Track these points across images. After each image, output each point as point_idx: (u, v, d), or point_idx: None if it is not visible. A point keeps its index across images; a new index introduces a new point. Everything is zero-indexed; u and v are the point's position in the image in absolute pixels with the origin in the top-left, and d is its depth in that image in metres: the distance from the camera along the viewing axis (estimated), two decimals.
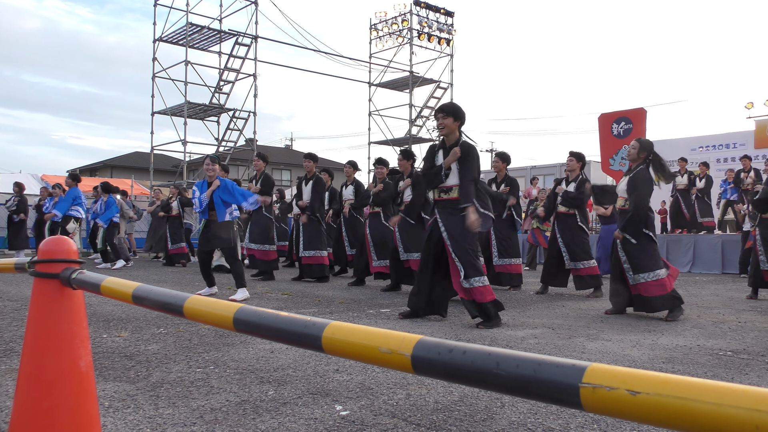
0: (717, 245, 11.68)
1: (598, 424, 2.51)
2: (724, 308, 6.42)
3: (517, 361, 0.85)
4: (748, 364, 3.70)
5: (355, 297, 7.07)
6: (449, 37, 24.62)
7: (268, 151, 37.47)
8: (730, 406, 0.69)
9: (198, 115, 21.24)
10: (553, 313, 5.92)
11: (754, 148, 15.83)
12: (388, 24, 24.27)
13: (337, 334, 1.05)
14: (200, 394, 2.90)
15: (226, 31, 20.38)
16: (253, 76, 20.55)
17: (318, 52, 22.32)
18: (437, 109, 5.31)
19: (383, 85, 25.31)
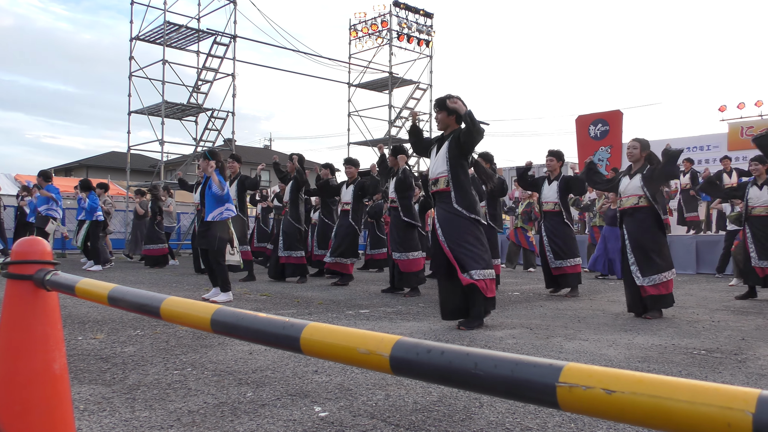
0: (692, 246, 11.85)
1: (575, 423, 2.54)
2: (699, 308, 6.52)
3: (495, 362, 0.86)
4: (721, 363, 3.76)
5: (334, 298, 7.06)
6: (428, 38, 24.68)
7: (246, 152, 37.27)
8: (703, 404, 0.71)
9: (176, 114, 21.03)
10: (532, 313, 5.97)
11: (727, 150, 16.08)
12: (368, 25, 24.26)
13: (315, 335, 1.05)
14: (177, 397, 2.87)
15: (204, 31, 20.21)
16: (232, 75, 20.40)
17: (297, 52, 22.24)
18: (435, 103, 5.15)
19: (363, 86, 25.29)
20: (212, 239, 6.48)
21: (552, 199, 7.59)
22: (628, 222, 5.81)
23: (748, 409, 0.68)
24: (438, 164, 5.03)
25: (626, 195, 5.85)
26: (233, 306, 5.62)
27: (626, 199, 5.85)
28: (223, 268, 6.58)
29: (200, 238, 6.66)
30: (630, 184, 5.82)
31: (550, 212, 7.60)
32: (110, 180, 21.30)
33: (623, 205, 5.89)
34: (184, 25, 19.73)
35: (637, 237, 5.71)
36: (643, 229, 5.70)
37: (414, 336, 4.51)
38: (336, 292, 7.78)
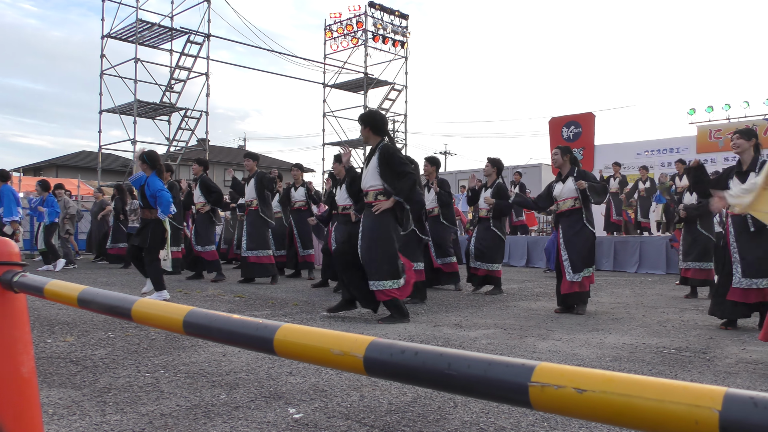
0: (662, 247, 12.04)
1: (548, 422, 2.56)
2: (668, 307, 6.63)
3: (468, 362, 0.86)
4: (690, 361, 3.83)
5: (309, 299, 7.03)
6: (403, 39, 24.75)
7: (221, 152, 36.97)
8: (672, 402, 0.72)
9: (148, 114, 20.79)
10: (505, 313, 6.01)
11: (696, 153, 16.39)
12: (343, 25, 24.25)
13: (289, 337, 1.04)
14: (149, 400, 2.84)
15: (177, 29, 20.01)
16: (206, 75, 20.25)
17: (272, 51, 22.16)
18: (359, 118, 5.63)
19: (338, 87, 25.27)
20: (146, 237, 6.51)
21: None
22: (564, 223, 6.20)
23: (715, 406, 0.70)
24: (369, 178, 5.42)
25: (562, 199, 6.22)
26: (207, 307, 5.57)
27: (563, 202, 6.21)
28: (156, 267, 6.55)
29: (135, 236, 6.72)
30: (564, 188, 6.18)
31: (483, 218, 7.95)
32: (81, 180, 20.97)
33: (560, 208, 6.26)
34: (156, 23, 19.53)
35: (570, 237, 6.09)
36: (576, 230, 6.10)
37: (388, 337, 4.52)
38: (311, 293, 7.75)
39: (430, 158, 8.15)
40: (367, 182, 5.44)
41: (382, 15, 24.06)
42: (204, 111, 20.40)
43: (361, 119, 5.53)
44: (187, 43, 20.02)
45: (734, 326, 5.15)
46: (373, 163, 5.38)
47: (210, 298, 6.94)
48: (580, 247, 6.04)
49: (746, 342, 4.53)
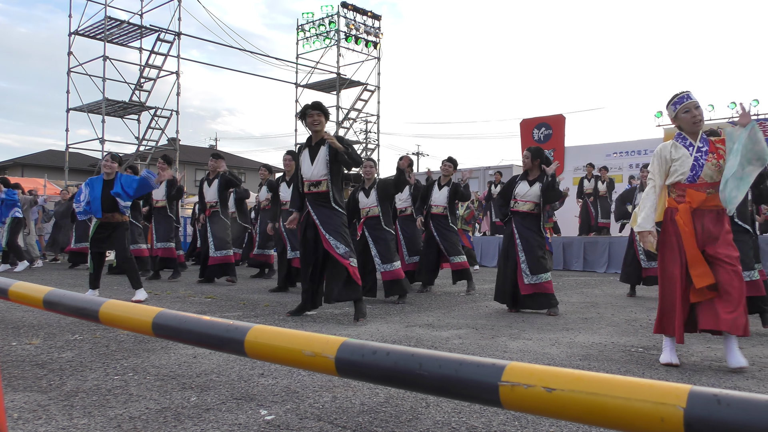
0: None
1: (519, 421, 2.59)
2: (636, 307, 6.74)
3: (440, 362, 0.87)
4: (657, 360, 3.90)
5: (281, 300, 6.99)
6: (376, 40, 24.76)
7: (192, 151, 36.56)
8: (638, 400, 0.73)
9: (117, 112, 20.46)
10: (477, 313, 6.05)
11: None
12: (316, 25, 24.17)
13: (260, 338, 1.04)
14: (118, 403, 2.80)
15: (147, 27, 19.73)
16: (176, 73, 19.99)
17: (243, 51, 21.97)
18: (312, 107, 5.51)
19: (310, 87, 25.17)
20: (123, 245, 6.46)
21: (442, 203, 8.01)
22: (520, 224, 6.24)
23: (680, 404, 0.71)
24: (318, 168, 5.44)
25: (524, 200, 6.26)
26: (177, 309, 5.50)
27: (523, 203, 6.25)
28: (133, 264, 6.55)
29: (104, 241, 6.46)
30: (530, 191, 6.24)
31: (438, 215, 8.00)
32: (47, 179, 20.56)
33: (519, 208, 6.27)
34: (125, 21, 19.24)
35: (528, 240, 6.15)
36: (533, 233, 6.19)
37: (361, 338, 4.52)
38: (283, 294, 7.71)
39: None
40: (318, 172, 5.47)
41: (354, 15, 24.04)
42: (174, 110, 20.14)
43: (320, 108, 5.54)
44: (157, 42, 19.74)
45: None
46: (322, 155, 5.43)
47: (180, 299, 6.86)
48: (536, 251, 6.11)
49: (711, 340, 4.62)
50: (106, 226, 6.43)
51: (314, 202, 5.48)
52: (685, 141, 3.83)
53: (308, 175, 5.50)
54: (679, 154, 3.80)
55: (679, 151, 3.81)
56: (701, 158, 3.72)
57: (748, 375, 3.52)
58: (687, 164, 3.74)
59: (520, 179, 6.39)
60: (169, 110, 20.23)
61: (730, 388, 3.24)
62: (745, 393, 0.71)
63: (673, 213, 3.76)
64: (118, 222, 6.45)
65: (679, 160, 3.78)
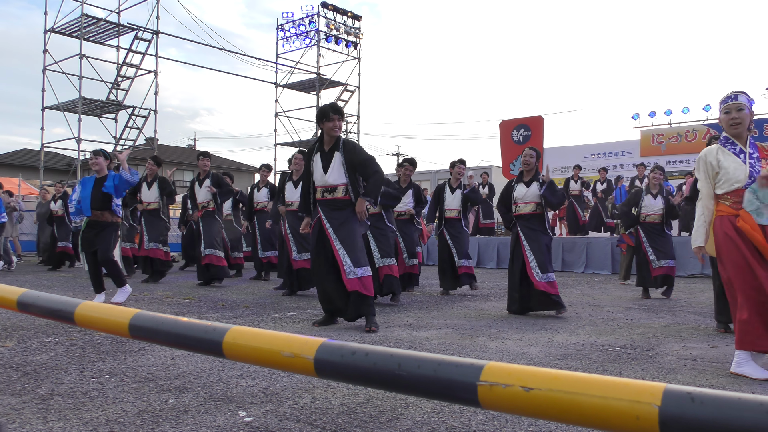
0: (607, 247, 12.37)
1: (498, 421, 2.60)
2: (614, 306, 6.81)
3: (419, 362, 0.87)
4: (634, 359, 3.95)
5: (260, 300, 6.96)
6: (356, 40, 24.76)
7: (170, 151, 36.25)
8: (614, 399, 0.74)
9: (94, 111, 20.23)
10: (457, 314, 6.07)
11: (639, 156, 16.94)
12: (296, 25, 24.11)
13: (238, 339, 1.03)
14: (94, 405, 2.76)
15: (124, 25, 19.53)
16: (154, 72, 19.82)
17: (222, 50, 21.84)
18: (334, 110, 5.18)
19: (290, 86, 25.10)
20: (109, 244, 6.29)
21: (456, 207, 7.97)
22: (525, 227, 6.15)
23: (655, 402, 0.72)
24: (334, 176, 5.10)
25: (524, 201, 6.19)
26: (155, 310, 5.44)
27: (524, 205, 6.18)
28: (115, 263, 6.41)
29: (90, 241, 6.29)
30: (528, 191, 6.17)
31: (453, 219, 7.98)
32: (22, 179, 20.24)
33: (521, 211, 6.20)
34: (103, 19, 19.03)
35: (535, 240, 6.06)
36: (540, 233, 6.11)
37: (341, 338, 4.50)
38: (262, 294, 7.68)
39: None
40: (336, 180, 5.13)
41: (334, 15, 24.02)
42: (152, 109, 19.97)
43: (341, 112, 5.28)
44: (135, 40, 19.57)
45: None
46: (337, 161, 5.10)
47: (158, 300, 6.80)
48: (544, 250, 6.03)
49: (687, 339, 4.69)
50: (95, 225, 6.28)
51: (328, 206, 5.13)
52: (734, 147, 3.59)
53: (321, 181, 5.15)
54: (728, 161, 3.56)
55: (728, 158, 3.57)
56: (756, 164, 3.50)
57: (722, 373, 3.58)
58: (742, 171, 3.50)
59: (516, 182, 6.32)
60: (147, 109, 20.07)
61: (704, 386, 3.29)
62: (718, 391, 0.72)
63: (733, 220, 3.50)
64: (108, 222, 6.30)
65: (730, 167, 3.54)
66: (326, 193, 5.13)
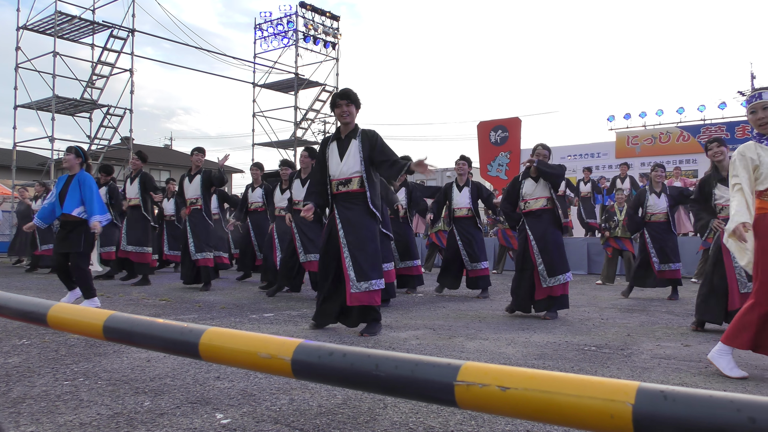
0: (584, 248, 12.50)
1: (476, 420, 2.61)
2: (589, 306, 6.89)
3: (396, 362, 0.87)
4: (609, 358, 4.00)
5: (237, 302, 6.91)
6: (335, 40, 24.71)
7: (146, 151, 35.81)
8: (589, 398, 0.75)
9: (68, 110, 19.92)
10: (435, 314, 6.09)
11: (615, 158, 17.16)
12: (273, 25, 24.00)
13: (215, 341, 1.03)
14: (68, 409, 2.72)
15: (99, 23, 19.26)
16: (130, 71, 19.57)
17: (200, 49, 21.66)
18: (341, 95, 4.88)
19: (268, 86, 24.97)
20: (78, 242, 5.97)
21: (465, 205, 7.81)
22: (534, 224, 5.95)
23: (629, 400, 0.73)
24: (349, 165, 4.84)
25: (533, 197, 5.98)
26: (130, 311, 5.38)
27: (534, 201, 5.98)
28: (86, 273, 6.06)
29: (62, 240, 6.03)
30: (537, 187, 5.97)
31: (464, 217, 7.82)
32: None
33: (530, 207, 5.99)
34: (77, 16, 18.75)
35: (545, 240, 5.87)
36: (550, 232, 5.91)
37: (319, 339, 4.50)
38: (240, 295, 7.63)
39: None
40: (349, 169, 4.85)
41: (313, 15, 23.94)
42: (128, 108, 19.71)
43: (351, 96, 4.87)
44: (110, 38, 19.31)
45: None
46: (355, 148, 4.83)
47: (134, 302, 6.72)
48: (555, 250, 5.85)
49: (661, 339, 4.76)
50: (66, 225, 6.02)
51: (343, 203, 4.85)
52: None
53: (336, 172, 4.86)
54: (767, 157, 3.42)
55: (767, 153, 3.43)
56: None
57: (695, 372, 3.64)
58: None
59: (523, 178, 6.10)
60: (123, 108, 19.81)
61: (677, 384, 3.34)
62: (691, 389, 0.73)
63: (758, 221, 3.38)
64: (78, 221, 5.99)
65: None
66: (341, 186, 4.85)
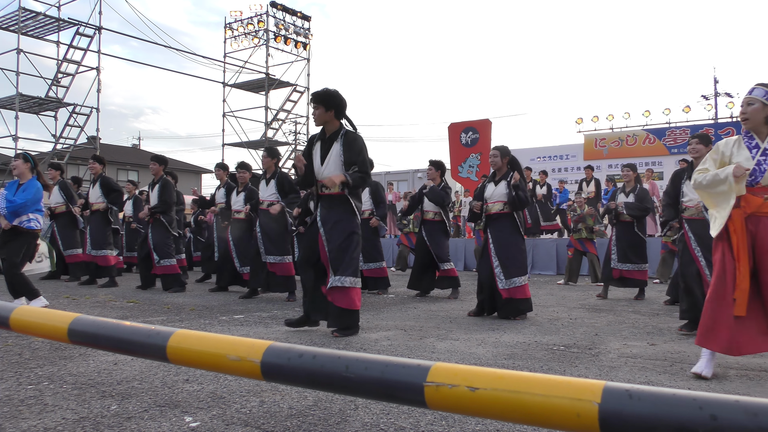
0: (552, 248, 12.65)
1: (446, 421, 2.63)
2: (558, 306, 6.97)
3: (366, 364, 0.87)
4: (577, 357, 4.05)
5: (207, 304, 6.84)
6: (306, 41, 24.65)
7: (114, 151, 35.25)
8: (556, 397, 0.76)
9: (32, 108, 19.52)
10: (406, 315, 6.10)
11: (583, 160, 17.41)
12: (244, 24, 23.83)
13: (183, 343, 1.01)
14: (32, 413, 2.66)
15: (65, 20, 18.91)
16: (97, 69, 19.27)
17: (168, 48, 21.42)
18: (312, 96, 4.93)
19: (238, 86, 24.79)
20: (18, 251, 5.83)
21: (433, 208, 7.84)
22: (493, 227, 6.05)
23: (595, 399, 0.74)
24: (330, 169, 4.83)
25: (492, 201, 6.08)
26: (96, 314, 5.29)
27: (492, 204, 6.07)
28: (22, 277, 5.88)
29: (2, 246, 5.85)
30: (496, 190, 6.08)
31: (431, 221, 7.87)
32: None
33: (489, 210, 6.09)
34: (42, 13, 18.40)
35: (501, 242, 5.96)
36: (507, 234, 5.98)
37: (289, 341, 4.47)
38: (209, 297, 7.55)
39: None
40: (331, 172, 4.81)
41: (284, 15, 23.85)
42: (95, 107, 19.40)
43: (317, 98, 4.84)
44: (76, 35, 18.98)
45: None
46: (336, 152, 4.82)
47: (100, 304, 6.60)
48: (512, 253, 5.92)
49: (627, 338, 4.84)
50: (9, 232, 5.83)
51: (325, 205, 4.88)
52: (751, 141, 3.44)
53: (318, 173, 4.89)
54: (741, 155, 3.41)
55: (742, 152, 3.42)
56: (765, 162, 3.35)
57: (660, 370, 3.71)
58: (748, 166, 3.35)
59: (488, 181, 6.21)
60: (89, 107, 19.50)
61: (643, 383, 3.40)
62: (655, 387, 0.75)
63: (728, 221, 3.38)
64: (20, 231, 5.80)
65: (741, 161, 3.38)
66: (323, 188, 4.85)
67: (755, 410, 0.70)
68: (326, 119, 4.87)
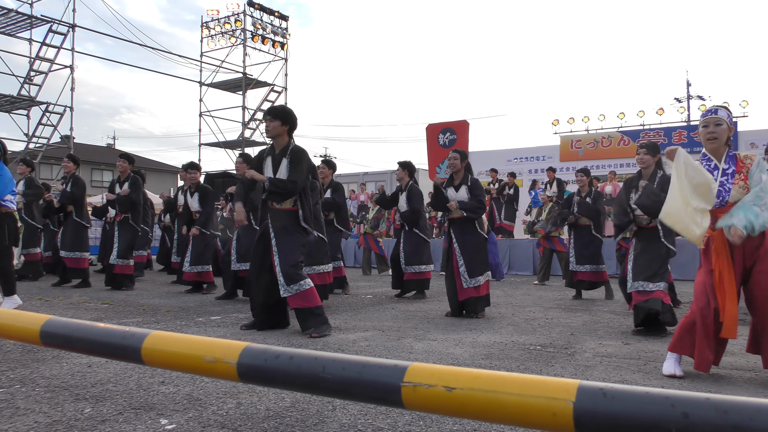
0: (529, 249, 12.74)
1: (424, 421, 2.63)
2: (535, 306, 7.03)
3: (343, 364, 0.87)
4: (553, 357, 4.09)
5: (183, 305, 6.78)
6: (283, 40, 24.54)
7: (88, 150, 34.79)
8: (532, 396, 0.77)
9: (3, 107, 19.17)
10: (384, 315, 6.11)
11: (559, 161, 17.58)
12: (221, 23, 23.67)
13: (158, 345, 1.00)
14: (2, 418, 2.61)
15: (38, 17, 18.61)
16: (70, 67, 18.98)
17: (143, 46, 21.17)
18: (266, 110, 5.17)
19: (215, 86, 24.61)
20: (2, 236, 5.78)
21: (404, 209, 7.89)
22: (456, 230, 6.16)
23: (570, 398, 0.75)
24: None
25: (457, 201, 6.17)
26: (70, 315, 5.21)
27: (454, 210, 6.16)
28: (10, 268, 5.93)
29: None
30: (457, 196, 6.19)
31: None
32: None
33: (452, 215, 6.19)
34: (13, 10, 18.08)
35: (465, 244, 6.09)
36: (469, 236, 6.11)
37: (267, 342, 4.45)
38: (186, 299, 7.48)
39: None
40: None
41: (261, 15, 23.73)
42: (68, 106, 19.11)
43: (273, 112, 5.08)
44: (50, 33, 18.68)
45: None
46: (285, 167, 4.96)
47: (74, 305, 6.50)
48: (474, 253, 6.04)
49: (602, 337, 4.89)
50: None
51: (275, 218, 5.00)
52: (710, 163, 3.51)
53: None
54: None
55: None
56: (727, 182, 3.41)
57: (635, 369, 3.76)
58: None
59: (447, 186, 6.28)
60: (63, 106, 19.20)
61: (618, 382, 3.44)
62: (628, 386, 0.76)
63: (710, 242, 3.43)
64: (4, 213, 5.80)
65: None
66: (274, 202, 5.01)
67: (726, 407, 0.71)
68: (280, 132, 5.03)
